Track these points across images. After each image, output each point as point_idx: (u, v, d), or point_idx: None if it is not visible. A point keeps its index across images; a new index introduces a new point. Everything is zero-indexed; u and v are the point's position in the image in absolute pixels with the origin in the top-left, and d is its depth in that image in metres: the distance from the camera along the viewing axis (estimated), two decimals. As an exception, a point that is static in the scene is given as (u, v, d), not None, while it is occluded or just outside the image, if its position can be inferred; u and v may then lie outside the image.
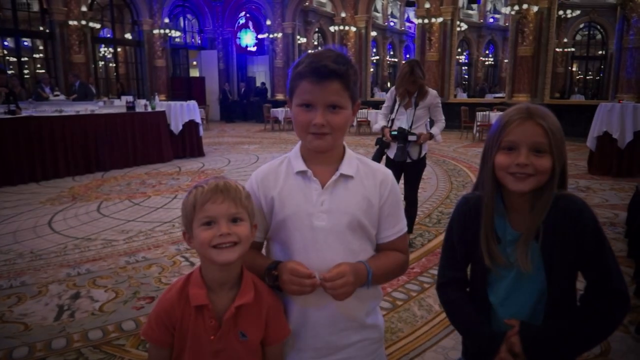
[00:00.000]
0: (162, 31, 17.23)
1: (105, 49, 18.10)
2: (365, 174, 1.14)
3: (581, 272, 1.08)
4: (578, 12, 19.24)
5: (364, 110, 12.99)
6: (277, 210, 1.12)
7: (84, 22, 14.27)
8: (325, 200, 1.10)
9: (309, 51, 1.11)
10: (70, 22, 14.06)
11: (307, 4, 20.37)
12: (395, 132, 3.61)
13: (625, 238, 3.92)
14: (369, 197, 1.12)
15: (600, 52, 21.25)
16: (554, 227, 1.05)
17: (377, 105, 12.99)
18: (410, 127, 3.63)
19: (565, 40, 20.48)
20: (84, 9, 14.33)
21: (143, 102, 8.86)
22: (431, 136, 3.70)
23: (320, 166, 1.12)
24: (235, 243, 1.03)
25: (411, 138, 3.58)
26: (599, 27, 20.99)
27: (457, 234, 1.17)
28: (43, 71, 14.71)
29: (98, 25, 16.00)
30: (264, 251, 1.22)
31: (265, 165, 1.20)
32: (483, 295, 1.14)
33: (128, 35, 17.91)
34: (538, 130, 1.03)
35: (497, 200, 1.11)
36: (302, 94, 1.06)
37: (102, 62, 18.17)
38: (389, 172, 1.18)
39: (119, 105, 9.05)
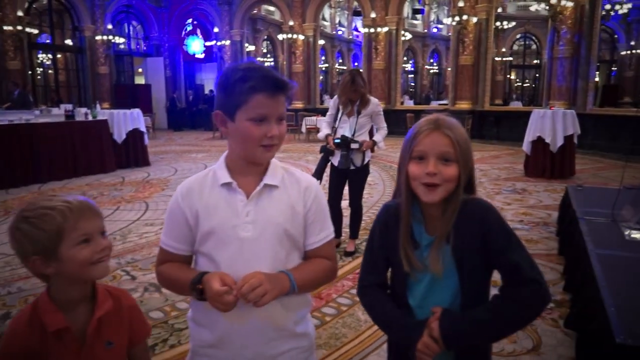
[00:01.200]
0: (105, 37, 16.64)
1: (44, 55, 17.27)
2: (290, 183, 1.16)
3: (496, 269, 1.13)
4: (514, 23, 20.34)
5: (313, 117, 13.09)
6: (203, 223, 1.12)
7: (20, 27, 13.57)
8: (251, 211, 1.11)
9: (240, 66, 1.09)
10: (5, 27, 13.32)
11: (255, 11, 20.33)
12: (339, 140, 3.67)
13: (556, 236, 4.16)
14: (293, 205, 1.14)
15: (535, 61, 22.48)
16: (462, 230, 1.10)
17: (325, 112, 13.08)
18: (353, 134, 3.71)
19: (504, 49, 21.54)
20: (20, 13, 13.62)
21: (84, 110, 8.53)
22: (374, 143, 3.79)
23: (246, 177, 1.13)
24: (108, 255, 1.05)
25: (354, 146, 3.66)
26: (533, 37, 22.23)
27: (377, 241, 1.21)
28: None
29: (36, 31, 15.25)
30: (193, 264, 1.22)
31: (190, 178, 1.20)
32: (403, 299, 1.18)
33: (69, 42, 17.17)
34: (445, 141, 1.08)
35: (415, 207, 1.16)
36: (256, 107, 1.06)
37: (41, 69, 17.34)
38: (313, 180, 1.20)
39: (57, 114, 8.66)
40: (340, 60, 26.46)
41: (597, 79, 13.42)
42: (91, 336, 1.04)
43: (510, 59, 22.58)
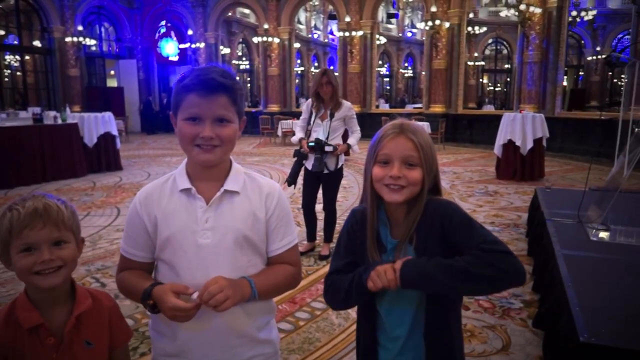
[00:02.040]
0: (75, 39, 16.26)
1: (12, 56, 16.79)
2: (251, 189, 1.15)
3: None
4: (485, 28, 20.76)
5: (289, 120, 13.07)
6: (161, 229, 1.11)
7: (-15, 28, 13.19)
8: (210, 218, 1.09)
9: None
10: (-31, 28, 12.94)
11: (230, 14, 20.21)
12: (313, 144, 3.68)
13: (526, 238, 4.25)
14: (254, 211, 1.13)
15: (506, 66, 22.99)
16: (424, 230, 1.11)
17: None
18: (327, 138, 3.72)
19: (476, 54, 21.97)
20: (-16, 14, 13.25)
21: (53, 113, 8.32)
22: (349, 147, 3.81)
23: (206, 183, 1.12)
24: (59, 267, 1.01)
25: (328, 149, 3.67)
26: (504, 42, 22.75)
27: (344, 245, 1.22)
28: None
29: (2, 32, 14.82)
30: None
31: (150, 184, 1.18)
32: (372, 305, 1.18)
33: (37, 43, 16.74)
34: (409, 145, 1.10)
35: (381, 211, 1.17)
36: (188, 107, 1.06)
37: (9, 71, 16.85)
38: (276, 185, 1.19)
39: (24, 117, 8.43)
40: (316, 64, 26.53)
41: (565, 83, 13.79)
42: (69, 334, 1.03)
43: (483, 63, 23.07)
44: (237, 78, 1.14)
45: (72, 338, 1.03)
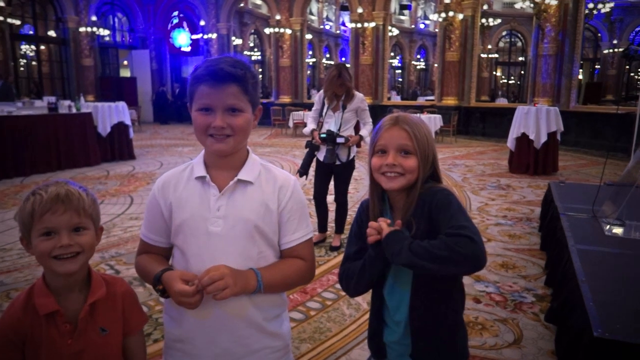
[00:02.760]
0: (89, 29, 16.37)
1: (27, 46, 16.94)
2: (266, 180, 1.15)
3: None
4: (499, 20, 20.49)
5: (300, 112, 13.06)
6: (175, 215, 1.13)
7: (1, 18, 13.28)
8: (222, 206, 1.10)
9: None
10: (-14, 18, 13.07)
11: (242, 5, 20.18)
12: (324, 135, 3.68)
13: (539, 232, 4.22)
14: (267, 202, 1.12)
15: (520, 58, 22.70)
16: (418, 218, 1.15)
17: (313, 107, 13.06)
18: (339, 129, 3.71)
19: (490, 46, 21.71)
20: (1, 4, 13.32)
21: (67, 103, 8.40)
22: (361, 138, 3.80)
23: (221, 171, 1.13)
24: (77, 253, 1.03)
25: (339, 140, 3.66)
26: (519, 35, 22.45)
27: (354, 234, 1.28)
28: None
29: (18, 22, 14.94)
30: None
31: (169, 171, 1.20)
32: (379, 290, 1.25)
33: (52, 33, 16.87)
34: (403, 134, 1.16)
35: (385, 200, 1.24)
36: (200, 97, 1.07)
37: (24, 61, 17.01)
38: (292, 178, 1.19)
39: (40, 106, 8.52)
40: (328, 55, 26.43)
41: (580, 77, 13.59)
42: (83, 321, 1.04)
43: (496, 55, 22.78)
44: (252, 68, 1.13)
45: (86, 325, 1.05)
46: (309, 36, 19.49)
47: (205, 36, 18.02)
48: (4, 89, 9.98)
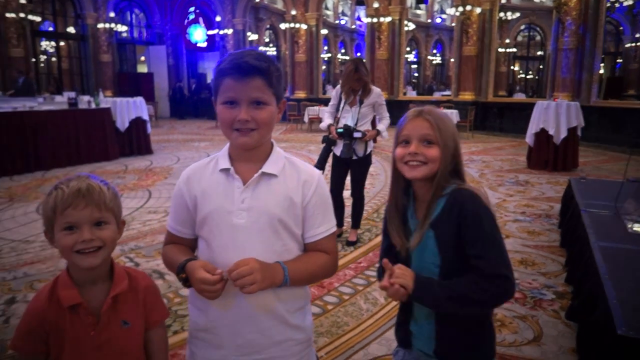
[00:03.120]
0: (107, 25, 16.57)
1: (47, 43, 17.21)
2: (290, 173, 1.15)
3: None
4: (518, 14, 20.17)
5: (315, 107, 13.05)
6: (200, 208, 1.13)
7: (22, 15, 13.51)
8: (246, 198, 1.10)
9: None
10: (8, 15, 13.27)
11: (257, 0, 20.19)
12: (341, 130, 3.67)
13: (558, 229, 4.16)
14: (291, 196, 1.12)
15: (539, 53, 22.31)
16: (445, 218, 1.16)
17: (328, 102, 13.00)
18: (356, 124, 3.70)
19: (507, 40, 21.36)
20: (23, 1, 13.55)
21: (86, 98, 8.53)
22: (378, 133, 3.79)
23: (245, 164, 1.13)
24: (99, 247, 1.04)
25: (356, 135, 3.65)
26: (538, 28, 22.04)
27: (383, 230, 1.34)
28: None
29: (39, 19, 15.18)
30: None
31: (194, 164, 1.21)
32: None
33: (71, 29, 17.10)
34: (425, 124, 1.19)
35: (410, 194, 1.27)
36: (225, 91, 1.07)
37: (44, 57, 17.29)
38: (316, 172, 1.19)
39: (60, 101, 8.65)
40: (343, 50, 26.31)
41: (601, 71, 13.30)
42: (106, 314, 1.06)
43: (514, 50, 22.41)
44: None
45: (109, 317, 1.06)
46: (324, 31, 19.43)
47: (221, 32, 18.09)
48: (25, 85, 10.17)
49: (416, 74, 26.39)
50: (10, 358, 2.22)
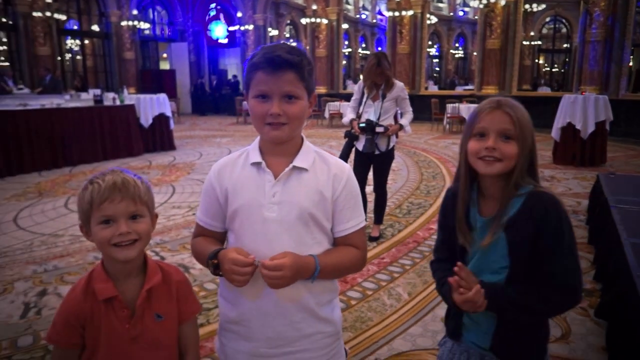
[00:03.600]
0: (130, 23, 16.84)
1: (72, 41, 17.57)
2: (320, 167, 1.15)
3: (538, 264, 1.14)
4: (543, 6, 19.69)
5: (336, 102, 13.02)
6: (231, 201, 1.14)
7: (48, 14, 13.82)
8: (277, 192, 1.11)
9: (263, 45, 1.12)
10: (35, 14, 13.60)
11: (278, -4, 20.22)
12: (364, 124, 3.65)
13: (586, 225, 4.07)
14: (321, 190, 1.12)
15: (565, 45, 21.79)
16: (520, 222, 1.11)
17: (349, 97, 12.98)
18: (378, 118, 3.68)
19: (532, 33, 20.92)
20: (48, 0, 13.86)
21: (111, 95, 8.68)
22: (401, 127, 3.76)
23: (276, 158, 1.14)
24: (135, 240, 1.05)
25: (379, 129, 3.63)
26: (563, 20, 21.52)
27: (439, 224, 1.31)
28: (7, 64, 14.19)
29: (64, 17, 15.50)
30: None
31: (225, 157, 1.21)
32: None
33: (95, 27, 17.42)
34: (505, 118, 1.11)
35: (473, 189, 1.20)
36: (257, 85, 1.08)
37: (69, 55, 17.66)
38: (346, 167, 1.18)
39: (86, 98, 8.83)
40: (364, 45, 26.16)
41: (631, 64, 12.92)
42: (140, 307, 1.08)
43: (539, 43, 21.94)
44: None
45: (143, 311, 1.08)
46: (345, 26, 19.35)
47: (242, 28, 18.18)
48: (52, 83, 10.41)
49: (438, 68, 26.08)
50: (42, 348, 2.28)
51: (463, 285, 1.10)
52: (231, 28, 20.16)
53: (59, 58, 15.16)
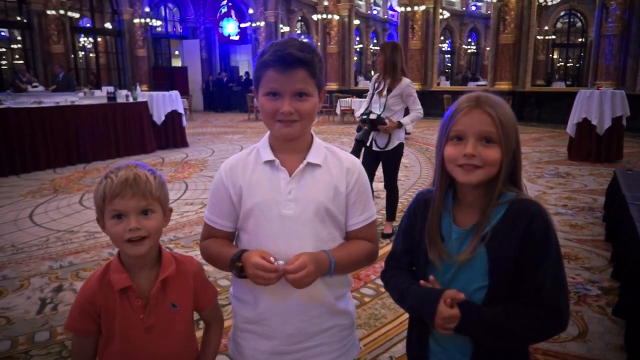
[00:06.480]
0: (142, 20, 16.93)
1: (85, 38, 17.72)
2: (332, 162, 1.15)
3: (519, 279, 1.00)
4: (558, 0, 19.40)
5: (347, 99, 12.98)
6: (245, 200, 1.13)
7: (62, 12, 13.94)
8: (293, 189, 1.10)
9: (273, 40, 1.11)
10: (49, 12, 13.73)
11: (289, -8, 20.18)
12: (365, 116, 3.62)
13: (603, 222, 4.01)
14: (336, 184, 1.12)
15: (580, 40, 21.46)
16: (502, 234, 0.99)
17: (360, 93, 12.97)
18: (382, 113, 3.62)
19: (546, 27, 20.64)
20: (62, -2, 14.01)
21: (124, 92, 8.74)
22: (399, 125, 3.64)
23: (288, 155, 1.13)
24: (144, 237, 1.06)
25: (372, 117, 3.57)
26: (579, 14, 21.19)
27: (403, 230, 1.18)
28: (21, 62, 14.36)
29: (77, 15, 15.64)
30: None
31: (234, 156, 1.20)
32: None
33: (108, 25, 17.56)
34: (486, 119, 0.98)
35: (447, 196, 1.08)
36: (268, 82, 1.07)
37: (82, 52, 17.82)
38: (357, 160, 1.18)
39: (99, 96, 8.91)
40: (375, 41, 26.01)
41: (648, 58, 12.69)
42: (155, 297, 1.10)
43: (553, 37, 21.64)
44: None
45: (157, 300, 1.10)
46: (356, 22, 19.26)
47: (253, 24, 18.17)
48: (65, 80, 10.51)
49: (449, 64, 25.86)
50: (59, 344, 2.31)
51: (453, 297, 0.98)
52: (242, 25, 20.17)
53: (72, 56, 15.31)
